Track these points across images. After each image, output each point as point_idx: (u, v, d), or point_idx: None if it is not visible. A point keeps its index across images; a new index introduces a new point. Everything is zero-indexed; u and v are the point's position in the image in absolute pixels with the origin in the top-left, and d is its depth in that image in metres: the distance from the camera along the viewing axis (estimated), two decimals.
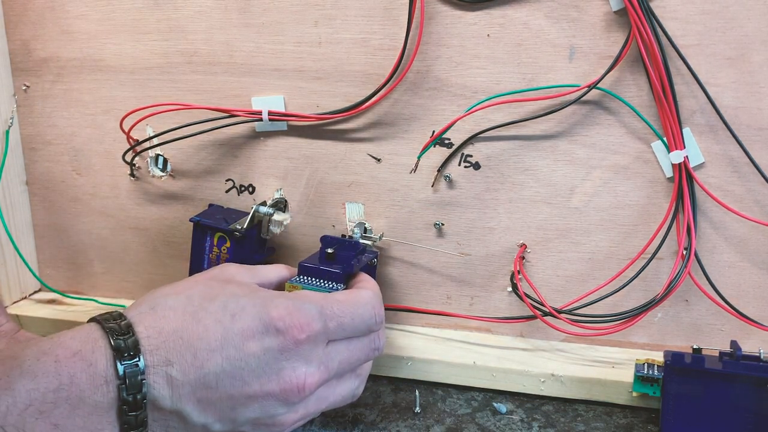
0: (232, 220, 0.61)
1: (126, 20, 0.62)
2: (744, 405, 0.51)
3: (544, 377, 0.58)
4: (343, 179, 0.62)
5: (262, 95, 0.61)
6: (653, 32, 0.51)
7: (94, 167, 0.68)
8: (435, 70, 0.57)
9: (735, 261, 0.56)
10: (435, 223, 0.61)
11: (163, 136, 0.63)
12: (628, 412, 0.56)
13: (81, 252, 0.71)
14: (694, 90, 0.53)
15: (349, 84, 0.59)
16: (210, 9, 0.60)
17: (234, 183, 0.65)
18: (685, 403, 0.52)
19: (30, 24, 0.65)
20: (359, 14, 0.57)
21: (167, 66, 0.63)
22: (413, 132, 0.59)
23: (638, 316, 0.57)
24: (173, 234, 0.68)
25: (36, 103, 0.67)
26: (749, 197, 0.55)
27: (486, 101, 0.56)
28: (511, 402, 0.58)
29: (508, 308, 0.62)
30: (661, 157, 0.55)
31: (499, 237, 0.60)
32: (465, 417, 0.56)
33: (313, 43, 0.59)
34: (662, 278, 0.58)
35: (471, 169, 0.59)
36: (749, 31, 0.51)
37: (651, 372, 0.54)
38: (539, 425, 0.55)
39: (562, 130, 0.57)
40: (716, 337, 0.58)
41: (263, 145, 0.63)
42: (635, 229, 0.58)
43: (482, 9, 0.55)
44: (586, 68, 0.55)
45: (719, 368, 0.51)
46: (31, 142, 0.69)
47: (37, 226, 0.72)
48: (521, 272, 0.60)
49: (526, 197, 0.59)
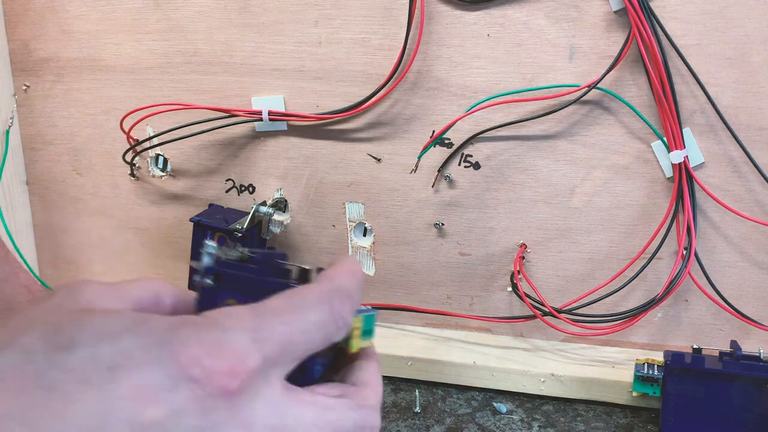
0: (232, 220, 0.61)
1: (126, 20, 0.62)
2: (744, 405, 0.51)
3: (544, 377, 0.58)
4: (343, 179, 0.62)
5: (262, 95, 0.61)
6: (653, 32, 0.51)
7: (95, 167, 0.68)
8: (435, 70, 0.57)
9: (735, 261, 0.56)
10: (435, 223, 0.61)
11: (163, 136, 0.63)
12: (628, 412, 0.56)
13: (81, 252, 0.71)
14: (694, 90, 0.53)
15: (349, 84, 0.59)
16: (210, 9, 0.60)
17: (234, 183, 0.65)
18: (685, 403, 0.52)
19: (30, 24, 0.65)
20: (359, 14, 0.57)
21: (167, 66, 0.63)
22: (413, 132, 0.59)
23: (638, 316, 0.57)
24: (173, 234, 0.68)
25: (36, 103, 0.67)
26: (749, 197, 0.55)
27: (486, 101, 0.56)
28: (511, 402, 0.58)
29: (508, 308, 0.62)
30: (661, 157, 0.55)
31: (499, 237, 0.60)
32: (465, 417, 0.56)
33: (313, 43, 0.59)
34: (662, 278, 0.58)
35: (471, 169, 0.59)
36: (749, 31, 0.51)
37: (651, 372, 0.54)
38: (539, 425, 0.55)
39: (562, 130, 0.57)
40: (716, 337, 0.58)
41: (263, 145, 0.63)
42: (635, 229, 0.58)
43: (482, 9, 0.55)
44: (586, 68, 0.55)
45: (719, 368, 0.51)
46: (31, 142, 0.69)
47: (37, 226, 0.72)
48: (521, 272, 0.60)
49: (526, 197, 0.59)
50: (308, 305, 0.29)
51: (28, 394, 0.24)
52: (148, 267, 0.70)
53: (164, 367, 0.25)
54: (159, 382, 0.25)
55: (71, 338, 0.26)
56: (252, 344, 0.27)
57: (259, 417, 0.27)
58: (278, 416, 0.28)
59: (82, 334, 0.26)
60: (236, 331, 0.27)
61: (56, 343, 0.26)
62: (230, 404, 0.26)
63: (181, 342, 0.26)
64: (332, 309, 0.30)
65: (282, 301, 0.29)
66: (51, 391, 0.25)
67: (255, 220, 0.61)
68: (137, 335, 0.26)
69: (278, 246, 0.65)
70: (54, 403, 0.24)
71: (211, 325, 0.27)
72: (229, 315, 0.28)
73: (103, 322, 0.27)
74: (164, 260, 0.69)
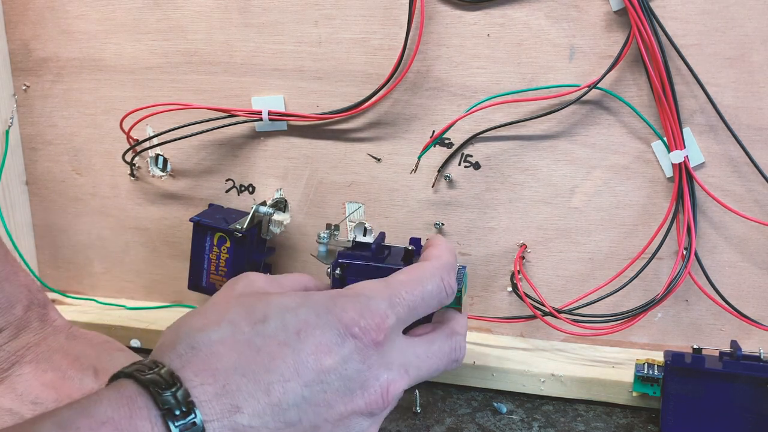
0: (232, 220, 0.61)
1: (126, 20, 0.62)
2: (744, 405, 0.51)
3: (544, 377, 0.58)
4: (343, 179, 0.62)
5: (262, 95, 0.61)
6: (653, 32, 0.51)
7: (94, 167, 0.68)
8: (435, 70, 0.57)
9: (735, 261, 0.56)
10: (435, 223, 0.61)
11: (163, 136, 0.63)
12: (628, 412, 0.56)
13: (81, 252, 0.71)
14: (694, 90, 0.53)
15: (349, 84, 0.59)
16: (210, 9, 0.60)
17: (234, 183, 0.65)
18: (685, 403, 0.52)
19: (30, 24, 0.65)
20: (359, 14, 0.57)
21: (167, 66, 0.63)
22: (413, 132, 0.59)
23: (638, 316, 0.57)
24: (173, 234, 0.68)
25: (36, 103, 0.67)
26: (749, 197, 0.55)
27: (486, 101, 0.56)
28: (511, 402, 0.58)
29: (508, 308, 0.62)
30: (661, 156, 0.55)
31: (499, 237, 0.60)
32: (465, 417, 0.56)
33: (313, 43, 0.59)
34: (662, 278, 0.58)
35: (471, 169, 0.59)
36: (749, 31, 0.51)
37: (651, 372, 0.54)
38: (539, 425, 0.55)
39: (562, 130, 0.57)
40: (716, 337, 0.58)
41: (263, 145, 0.63)
42: (635, 229, 0.58)
43: (482, 9, 0.55)
44: (586, 68, 0.55)
45: (719, 368, 0.51)
46: (31, 142, 0.69)
47: (37, 226, 0.72)
48: (521, 272, 0.60)
49: (526, 197, 0.59)
50: (426, 279, 0.41)
51: (243, 354, 0.34)
52: (148, 267, 0.70)
53: (333, 328, 0.36)
54: (331, 339, 0.36)
55: (264, 314, 0.36)
56: (389, 308, 0.38)
57: (394, 358, 0.38)
58: (404, 355, 0.39)
59: (270, 310, 0.37)
60: (377, 299, 0.38)
61: (253, 318, 0.36)
62: (378, 351, 0.37)
63: (341, 309, 0.37)
64: (443, 281, 0.41)
65: (406, 276, 0.41)
66: (258, 351, 0.35)
67: (255, 220, 0.61)
68: (308, 307, 0.37)
69: (278, 246, 0.65)
70: (262, 359, 0.34)
71: (358, 295, 0.38)
72: (369, 287, 0.39)
73: (282, 300, 0.38)
74: (164, 260, 0.69)
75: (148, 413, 0.31)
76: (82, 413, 0.31)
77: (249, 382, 0.33)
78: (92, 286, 0.72)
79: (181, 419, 0.31)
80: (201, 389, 0.32)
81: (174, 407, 0.31)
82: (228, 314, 0.37)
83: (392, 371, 0.38)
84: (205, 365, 0.34)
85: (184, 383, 0.32)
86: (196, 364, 0.34)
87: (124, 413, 0.31)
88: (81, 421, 0.30)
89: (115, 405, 0.31)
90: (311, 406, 0.35)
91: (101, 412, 0.31)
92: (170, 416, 0.31)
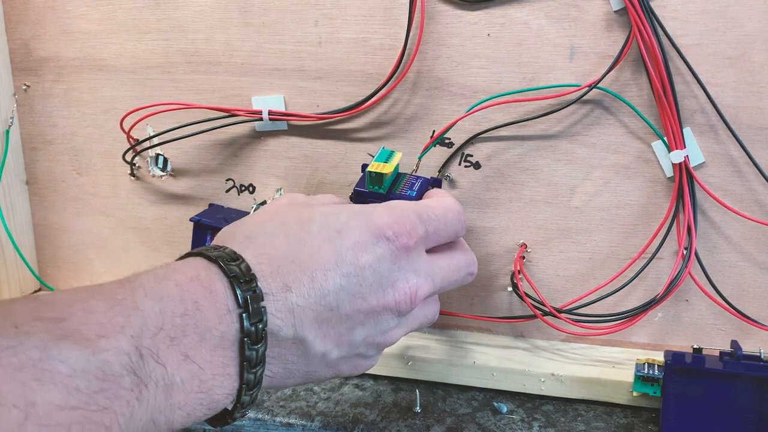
0: (232, 220, 0.60)
1: (126, 20, 0.62)
2: (744, 405, 0.51)
3: (544, 377, 0.58)
4: (343, 179, 0.62)
5: (262, 95, 0.61)
6: (654, 32, 0.51)
7: (95, 167, 0.68)
8: (435, 69, 0.57)
9: (735, 261, 0.56)
10: None
11: (164, 135, 0.63)
12: (628, 412, 0.56)
13: (81, 252, 0.71)
14: (695, 89, 0.53)
15: (349, 84, 0.59)
16: (210, 9, 0.60)
17: (234, 183, 0.65)
18: (685, 403, 0.52)
19: (30, 24, 0.65)
20: (359, 14, 0.57)
21: (167, 65, 0.63)
22: (413, 132, 0.59)
23: (638, 315, 0.57)
24: (173, 234, 0.68)
25: (36, 102, 0.67)
26: (749, 197, 0.55)
27: (486, 101, 0.56)
28: (512, 402, 0.58)
29: (509, 308, 0.62)
30: (661, 156, 0.55)
31: (499, 237, 0.60)
32: (465, 417, 0.56)
33: (313, 42, 0.59)
34: (662, 278, 0.58)
35: (471, 169, 0.59)
36: (749, 31, 0.51)
37: (651, 372, 0.54)
38: (539, 425, 0.55)
39: (563, 129, 0.57)
40: (717, 337, 0.58)
41: (263, 144, 0.63)
42: (635, 229, 0.58)
43: (482, 9, 0.55)
44: (586, 68, 0.55)
45: (720, 368, 0.51)
46: (31, 142, 0.69)
47: (37, 225, 0.72)
48: (522, 272, 0.60)
49: (527, 197, 0.59)
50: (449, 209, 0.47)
51: (292, 246, 0.40)
52: (148, 267, 0.70)
53: (369, 230, 0.42)
54: (368, 239, 0.41)
55: (309, 216, 0.43)
56: (419, 221, 0.44)
57: (422, 266, 0.44)
58: (430, 265, 0.45)
59: (315, 213, 0.43)
60: (410, 212, 0.44)
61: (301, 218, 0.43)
62: (407, 256, 0.43)
63: (378, 215, 0.43)
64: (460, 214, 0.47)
65: (433, 202, 0.46)
66: (305, 243, 0.41)
67: None
68: (348, 213, 0.43)
69: None
70: (308, 250, 0.40)
71: (392, 207, 0.44)
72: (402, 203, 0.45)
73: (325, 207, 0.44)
74: (164, 260, 0.69)
75: (220, 278, 0.37)
76: (174, 271, 0.38)
77: (297, 268, 0.39)
78: None
79: (245, 286, 0.37)
80: (259, 267, 0.38)
81: (239, 276, 0.37)
82: (279, 216, 0.43)
83: (420, 277, 0.43)
84: (261, 250, 0.40)
85: (246, 260, 0.38)
86: (253, 249, 0.40)
87: (205, 275, 0.37)
88: (175, 276, 0.37)
89: (197, 268, 0.38)
90: (348, 295, 0.40)
91: (189, 271, 0.37)
92: (237, 282, 0.37)
